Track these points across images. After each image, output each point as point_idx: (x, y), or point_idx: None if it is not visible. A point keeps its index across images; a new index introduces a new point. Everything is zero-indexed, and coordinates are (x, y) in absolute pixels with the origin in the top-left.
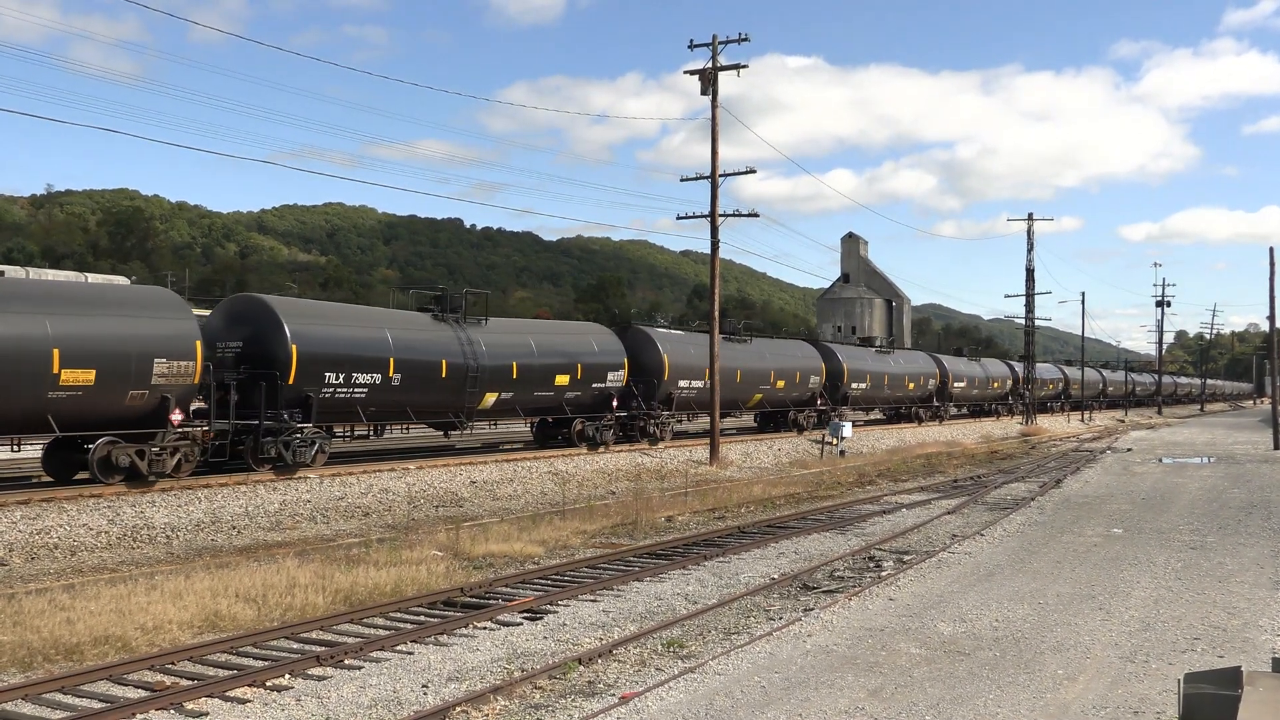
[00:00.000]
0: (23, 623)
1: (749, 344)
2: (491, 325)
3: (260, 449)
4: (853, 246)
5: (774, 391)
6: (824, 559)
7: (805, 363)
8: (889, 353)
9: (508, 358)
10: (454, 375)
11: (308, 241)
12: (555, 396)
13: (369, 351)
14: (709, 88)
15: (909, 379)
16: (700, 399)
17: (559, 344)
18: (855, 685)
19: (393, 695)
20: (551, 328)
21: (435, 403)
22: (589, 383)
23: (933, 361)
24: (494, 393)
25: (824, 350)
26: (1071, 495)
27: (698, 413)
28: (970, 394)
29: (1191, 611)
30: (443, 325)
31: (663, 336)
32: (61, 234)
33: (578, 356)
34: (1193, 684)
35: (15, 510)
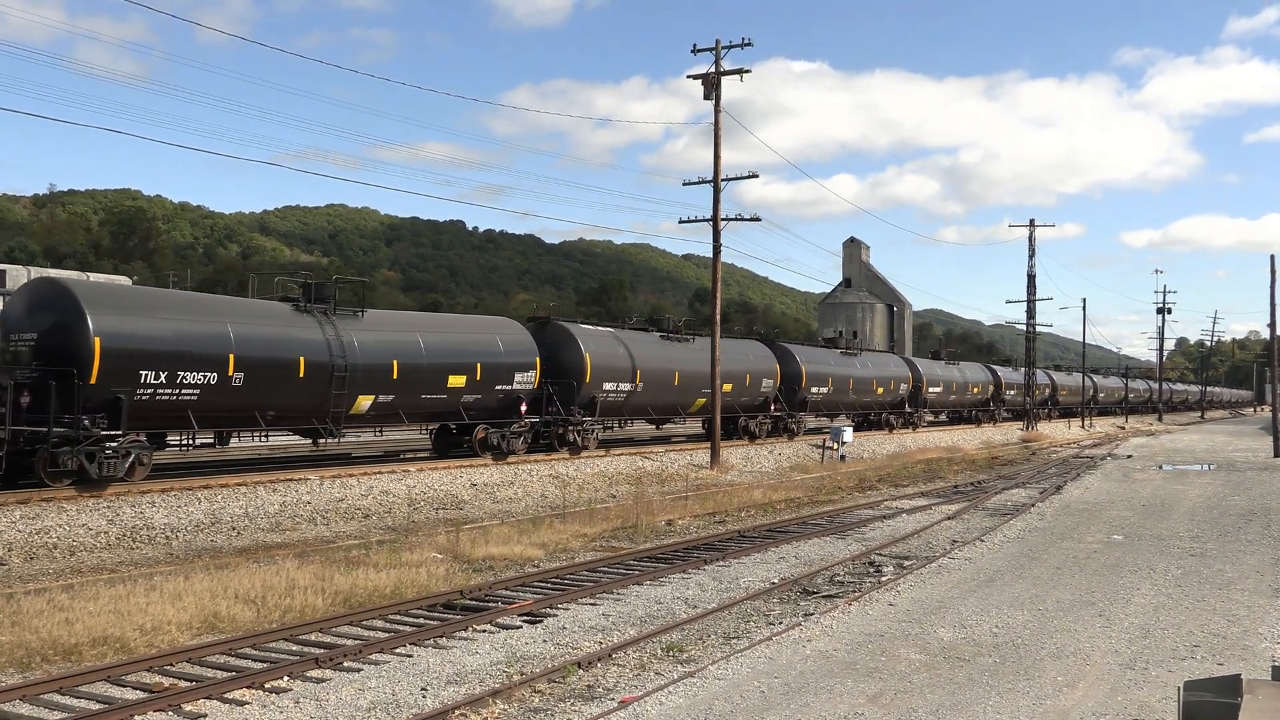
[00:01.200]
0: (21, 623)
1: (691, 343)
2: (369, 319)
3: (54, 461)
4: (854, 251)
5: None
6: (824, 564)
7: (757, 364)
8: (855, 354)
9: (387, 356)
10: (315, 375)
11: (310, 243)
12: (449, 400)
13: (202, 347)
14: (712, 92)
15: (878, 383)
16: (632, 404)
17: (454, 342)
18: (855, 691)
19: (391, 698)
20: (446, 323)
21: (291, 406)
22: (491, 385)
23: (905, 365)
24: (369, 395)
25: (780, 351)
26: (1072, 502)
27: (629, 419)
28: (947, 400)
29: (1191, 619)
30: (305, 318)
31: (586, 334)
32: (63, 234)
33: (477, 355)
34: (1193, 692)
35: (14, 510)
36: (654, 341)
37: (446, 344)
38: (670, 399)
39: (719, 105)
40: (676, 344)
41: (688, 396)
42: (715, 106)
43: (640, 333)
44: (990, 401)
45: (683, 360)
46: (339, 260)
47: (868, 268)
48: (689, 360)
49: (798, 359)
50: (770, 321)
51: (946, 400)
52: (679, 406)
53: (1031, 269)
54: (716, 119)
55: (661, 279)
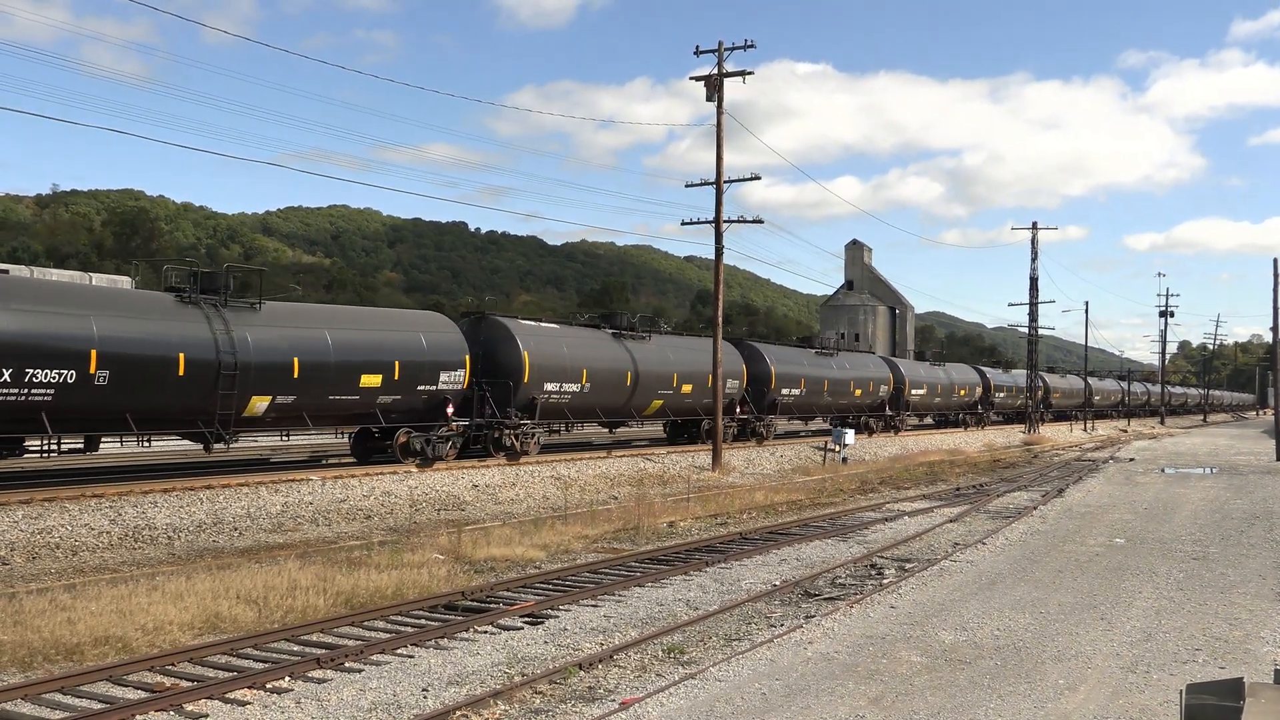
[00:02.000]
0: (23, 622)
1: (647, 341)
2: (267, 312)
3: None
4: (856, 254)
5: (679, 397)
6: (826, 566)
7: (725, 366)
8: (832, 354)
9: (287, 353)
10: (199, 374)
11: (312, 244)
12: (363, 401)
13: (56, 341)
14: (714, 94)
15: (855, 384)
16: (578, 406)
17: (369, 338)
18: (856, 693)
19: (393, 698)
20: (361, 317)
21: (170, 408)
22: (412, 385)
23: (885, 365)
24: (265, 397)
25: (747, 350)
26: (1074, 505)
27: (576, 423)
28: (931, 402)
29: (1193, 622)
30: (190, 310)
31: (526, 330)
32: (66, 234)
33: (395, 353)
34: (1195, 695)
35: (17, 509)
36: (605, 339)
37: (359, 340)
38: (622, 401)
39: (721, 107)
40: (631, 342)
41: (643, 398)
42: (718, 108)
43: (590, 330)
44: (979, 404)
45: (637, 359)
46: (340, 261)
47: (870, 270)
48: (644, 359)
49: (767, 359)
50: (772, 324)
51: (931, 403)
52: (633, 409)
53: (1034, 272)
54: (719, 121)
55: (664, 281)
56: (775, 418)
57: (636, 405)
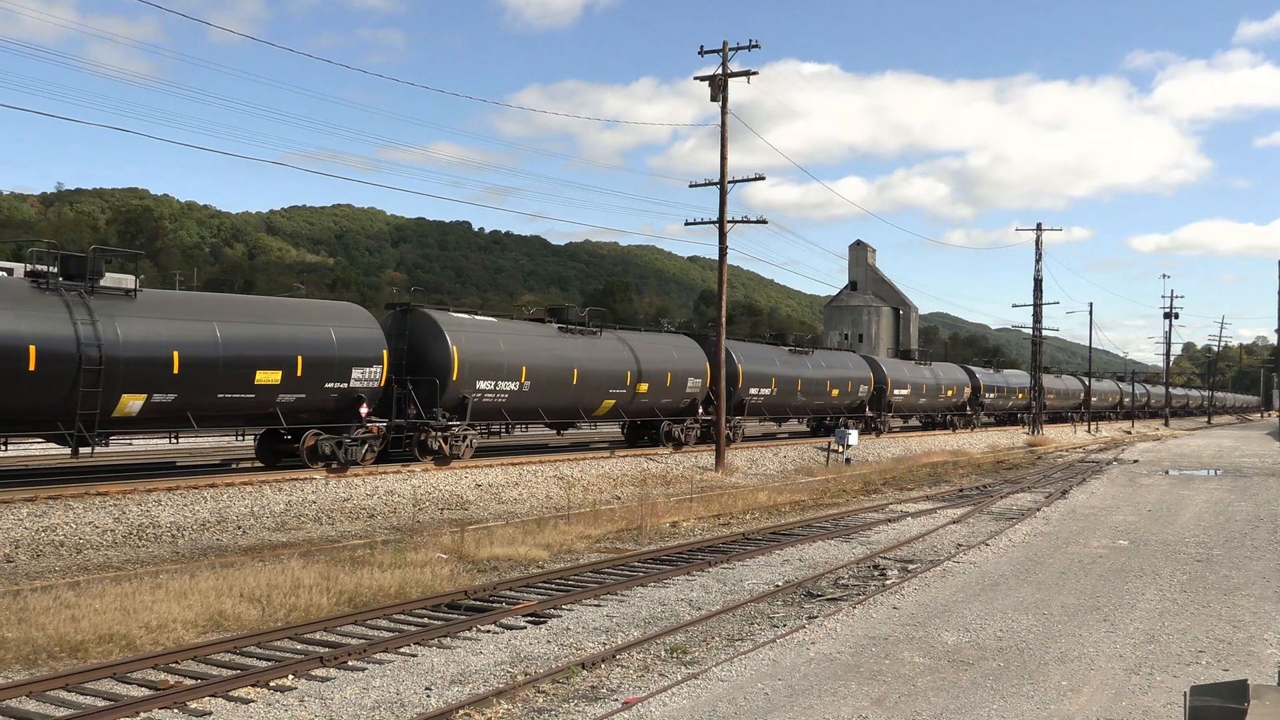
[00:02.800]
0: (28, 620)
1: (598, 337)
2: (145, 301)
3: None
4: (860, 254)
5: (634, 397)
6: (828, 567)
7: (683, 362)
8: (807, 353)
9: (165, 346)
10: (54, 369)
11: (316, 243)
12: (259, 401)
13: None
14: (719, 94)
15: (832, 384)
16: (516, 405)
17: (267, 331)
18: (859, 694)
19: (396, 697)
20: (257, 308)
21: (21, 407)
22: (319, 382)
23: (866, 364)
24: (138, 394)
25: (713, 347)
26: (1077, 506)
27: (516, 424)
28: (916, 403)
29: (1197, 624)
30: (47, 298)
31: (456, 324)
32: (71, 233)
33: (298, 347)
34: (1199, 697)
35: (21, 507)
36: (550, 335)
37: (255, 334)
38: (569, 400)
39: (726, 107)
40: (580, 338)
41: (592, 398)
42: (722, 108)
43: (534, 324)
44: (967, 405)
45: (586, 357)
46: (345, 261)
47: (874, 271)
48: (594, 357)
49: (734, 356)
50: (776, 324)
51: (916, 404)
52: (580, 409)
53: (1038, 273)
54: (723, 121)
55: (667, 281)
56: (744, 419)
57: (585, 406)
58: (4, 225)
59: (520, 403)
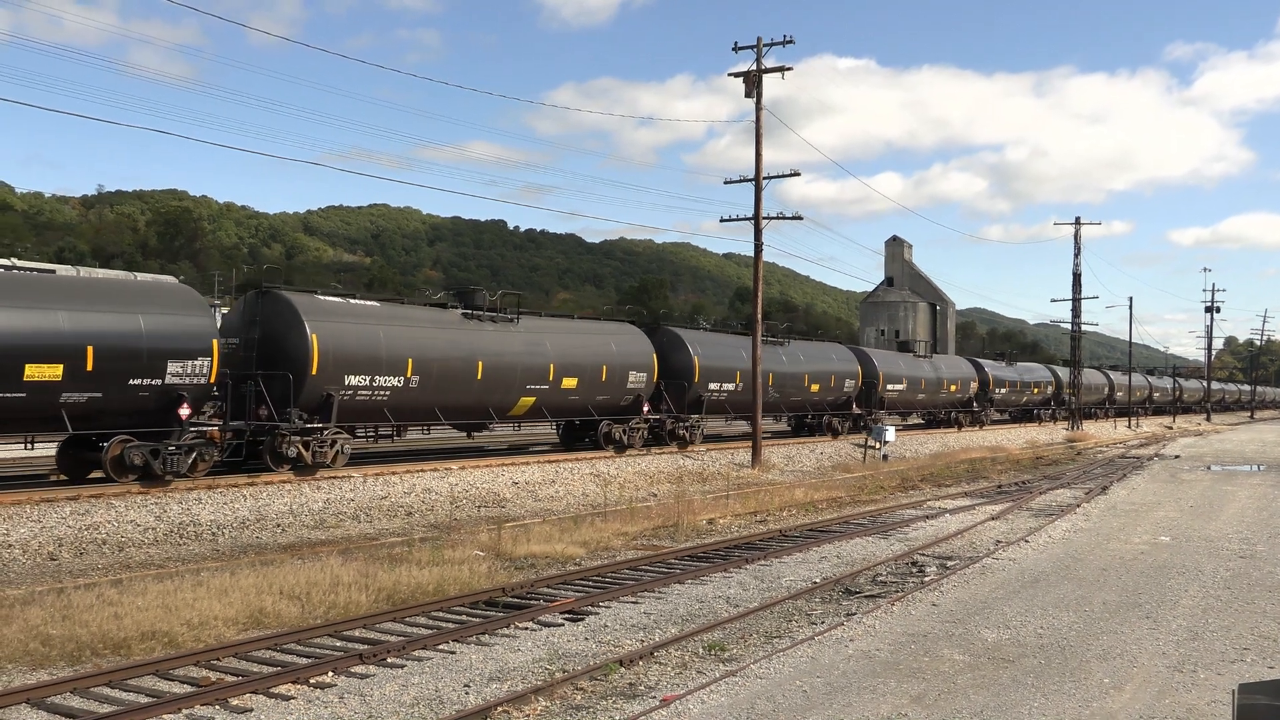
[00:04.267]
0: (71, 617)
1: (513, 325)
2: None
3: None
4: (897, 250)
5: (559, 394)
6: (866, 563)
7: (623, 356)
8: (782, 344)
9: None
10: None
11: (353, 243)
12: (34, 401)
13: None
14: (753, 90)
15: (812, 378)
16: (400, 405)
17: (42, 319)
18: (898, 691)
19: (435, 694)
20: (31, 288)
21: None
22: (122, 379)
23: (853, 357)
24: None
25: (666, 337)
26: (1118, 502)
27: (404, 425)
28: (913, 399)
29: (1241, 621)
30: None
31: (319, 309)
32: (111, 234)
33: (89, 337)
34: (1247, 695)
35: (65, 506)
36: (450, 322)
37: (25, 322)
38: (473, 398)
39: (760, 103)
40: (489, 326)
41: (503, 395)
42: (756, 104)
43: (430, 310)
44: (974, 401)
45: (497, 348)
46: (381, 260)
47: (910, 266)
48: (506, 348)
49: (688, 348)
50: (811, 321)
51: (913, 399)
52: (490, 408)
53: (1077, 267)
54: (758, 117)
55: (703, 278)
56: (702, 418)
57: (496, 404)
58: (46, 228)
59: (407, 401)
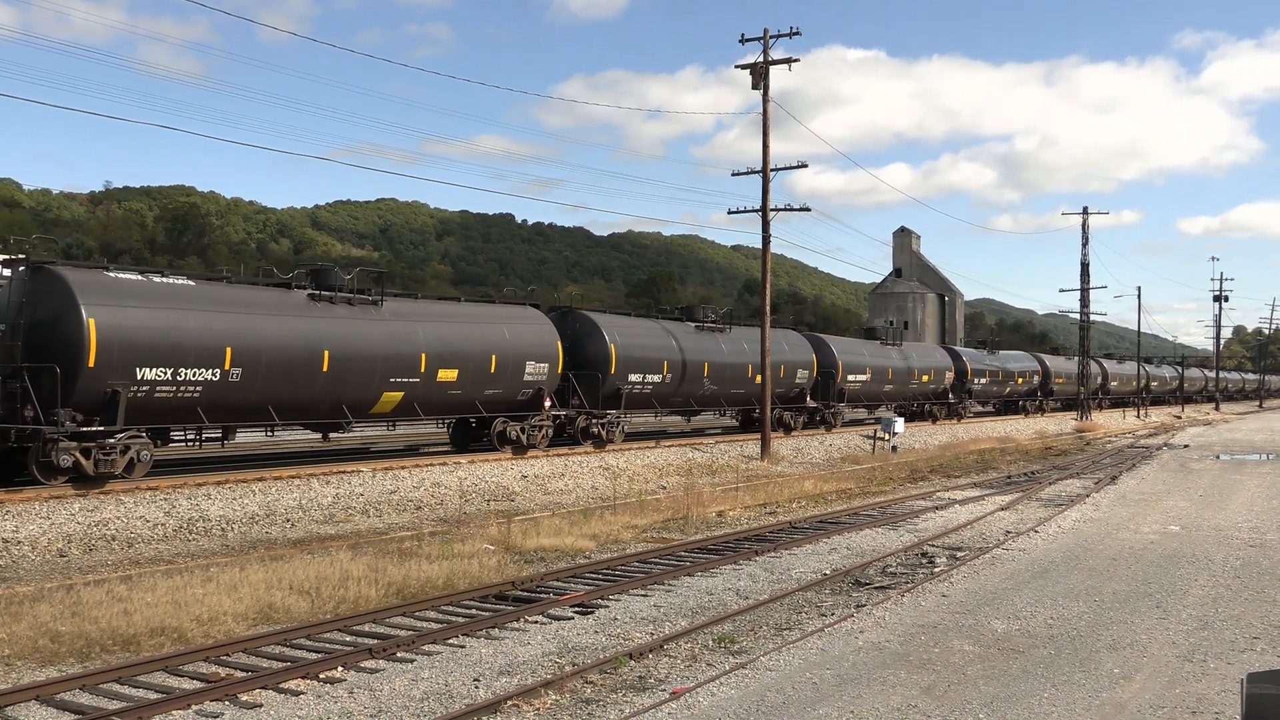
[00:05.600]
0: (81, 613)
1: (375, 310)
2: None
3: None
4: (905, 241)
5: (436, 388)
6: (876, 555)
7: (518, 345)
8: (722, 330)
9: None
10: None
11: (361, 237)
12: None
13: None
14: (760, 82)
15: (757, 369)
16: (218, 403)
17: None
18: (908, 682)
19: (444, 688)
20: None
21: None
22: None
23: (808, 345)
24: None
25: (579, 323)
26: (1127, 492)
27: (228, 427)
28: (879, 390)
29: (1251, 610)
30: None
31: (99, 291)
32: (119, 230)
33: None
34: (1256, 684)
35: (74, 502)
36: (292, 306)
37: None
38: (319, 394)
39: (767, 95)
40: (341, 310)
41: (361, 390)
42: (763, 96)
43: (264, 292)
44: (950, 392)
45: (351, 335)
46: (390, 255)
47: (918, 257)
48: (365, 335)
49: (605, 335)
50: (820, 312)
51: (879, 391)
52: (344, 406)
53: (1085, 257)
54: (765, 109)
55: (711, 270)
56: (622, 413)
57: (352, 401)
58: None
59: (227, 398)
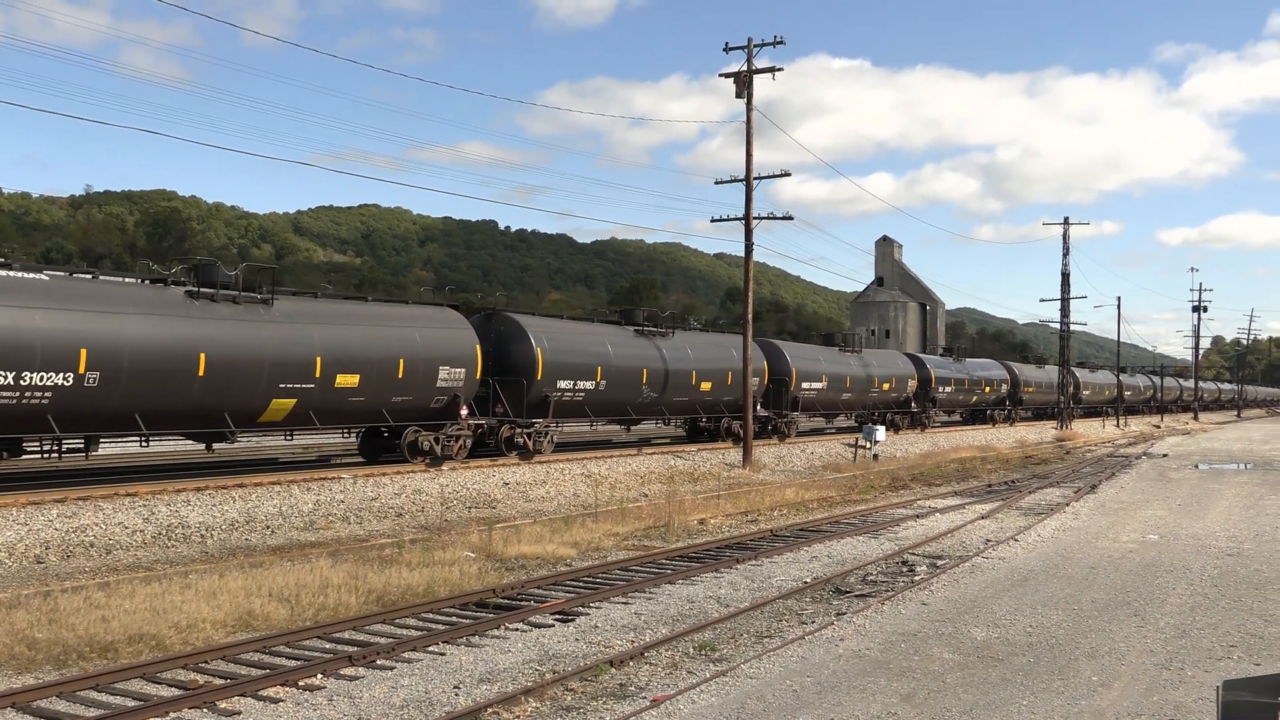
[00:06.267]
0: (58, 620)
1: (264, 310)
2: None
3: None
4: (887, 250)
5: (334, 395)
6: (857, 563)
7: (429, 347)
8: (665, 335)
9: None
10: None
11: (343, 243)
12: None
13: None
14: (744, 91)
15: (704, 377)
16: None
17: None
18: (888, 690)
19: (424, 696)
20: None
21: None
22: None
23: (759, 351)
24: None
25: (505, 327)
26: (1107, 501)
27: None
28: (836, 399)
29: (1228, 619)
30: None
31: None
32: (99, 235)
33: None
34: (1232, 692)
35: (52, 508)
36: (164, 304)
37: None
38: (195, 401)
39: (751, 103)
40: (223, 310)
41: (245, 397)
42: (747, 105)
43: (138, 288)
44: (912, 401)
45: (234, 337)
46: (372, 261)
47: (900, 266)
48: (250, 337)
49: (531, 339)
50: (803, 320)
51: (836, 399)
52: (226, 414)
53: (1065, 267)
54: (749, 118)
55: (694, 278)
56: (551, 423)
57: (235, 408)
58: (34, 228)
59: (83, 405)
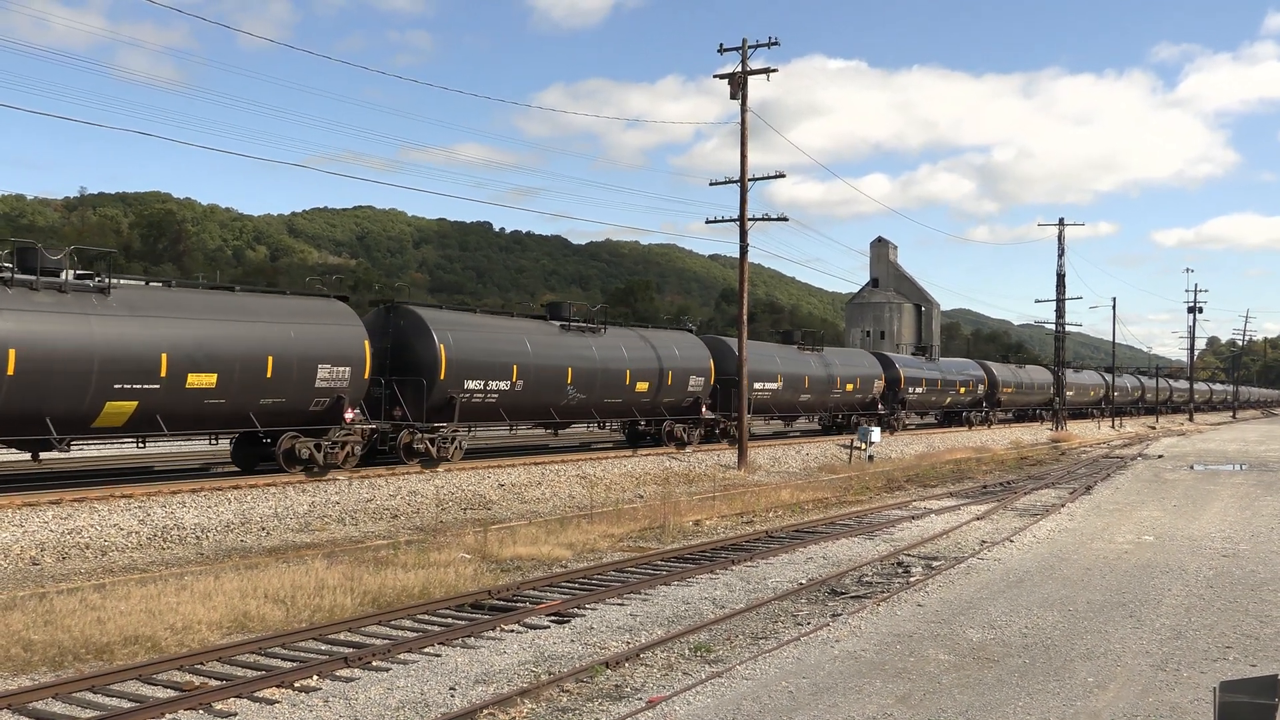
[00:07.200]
0: (54, 622)
1: (99, 302)
2: None
3: None
4: (882, 251)
5: (185, 397)
6: (852, 564)
7: (315, 344)
8: (596, 332)
9: None
10: None
11: (338, 245)
12: None
13: None
14: (738, 92)
15: (639, 377)
16: None
17: None
18: (883, 691)
19: (420, 697)
20: None
21: None
22: None
23: (704, 350)
24: None
25: (406, 321)
26: (1102, 502)
27: None
28: (794, 400)
29: (1224, 620)
30: None
31: None
32: (94, 237)
33: None
34: (1229, 693)
35: (47, 510)
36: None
37: None
38: (12, 404)
39: (745, 105)
40: (46, 301)
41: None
42: (741, 106)
43: None
44: (879, 402)
45: (59, 332)
46: (366, 262)
47: (896, 267)
48: (79, 332)
49: (434, 335)
50: (797, 322)
51: (794, 400)
52: (48, 419)
53: (1061, 268)
54: (743, 119)
55: (689, 279)
56: (457, 428)
57: (62, 413)
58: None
59: None
